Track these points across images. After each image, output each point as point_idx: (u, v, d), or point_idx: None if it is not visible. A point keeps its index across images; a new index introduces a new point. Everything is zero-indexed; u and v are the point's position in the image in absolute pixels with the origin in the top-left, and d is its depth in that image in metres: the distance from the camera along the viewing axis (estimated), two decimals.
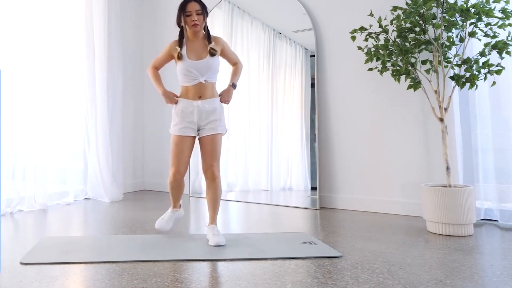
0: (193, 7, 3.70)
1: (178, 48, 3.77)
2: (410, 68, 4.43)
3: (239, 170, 6.41)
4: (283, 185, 6.07)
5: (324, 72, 5.57)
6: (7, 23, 5.17)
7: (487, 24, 4.14)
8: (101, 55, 6.26)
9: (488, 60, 4.08)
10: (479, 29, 4.16)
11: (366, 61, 4.72)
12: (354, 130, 5.34)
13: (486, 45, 4.12)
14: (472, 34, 4.16)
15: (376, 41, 4.71)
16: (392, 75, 4.58)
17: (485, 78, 4.19)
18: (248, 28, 6.38)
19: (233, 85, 3.99)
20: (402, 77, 4.92)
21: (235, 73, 4.04)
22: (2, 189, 5.02)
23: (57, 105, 5.86)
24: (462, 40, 4.29)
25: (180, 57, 3.75)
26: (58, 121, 5.87)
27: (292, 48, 6.06)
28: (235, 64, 4.07)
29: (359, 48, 4.85)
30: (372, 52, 4.67)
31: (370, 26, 4.76)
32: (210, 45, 3.79)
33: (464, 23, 4.22)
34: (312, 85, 5.66)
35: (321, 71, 5.59)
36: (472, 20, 4.16)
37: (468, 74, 4.21)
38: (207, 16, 3.82)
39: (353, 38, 4.71)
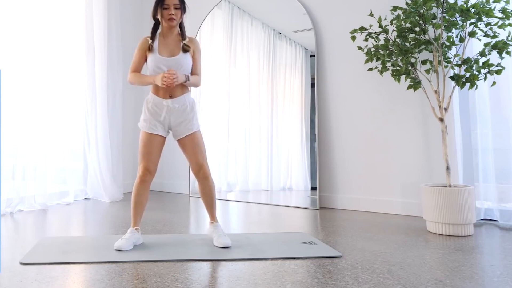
0: (171, 0, 3.57)
1: (150, 41, 3.63)
2: (410, 68, 4.43)
3: (239, 170, 6.40)
4: (283, 185, 6.07)
5: (324, 72, 5.57)
6: (7, 23, 5.16)
7: (487, 24, 4.14)
8: (101, 55, 6.26)
9: (488, 60, 4.08)
10: (479, 29, 4.16)
11: (366, 61, 4.72)
12: (354, 130, 5.34)
13: (486, 45, 4.12)
14: (472, 34, 4.16)
15: (376, 41, 4.71)
16: (392, 75, 4.58)
17: (485, 78, 4.19)
18: (248, 28, 6.39)
19: (187, 77, 3.59)
20: (402, 77, 4.93)
21: (194, 77, 3.69)
22: (2, 189, 5.02)
23: (57, 105, 5.86)
24: (462, 40, 4.29)
25: (150, 49, 3.61)
26: (58, 121, 5.87)
27: (292, 48, 6.06)
28: (196, 74, 3.74)
29: (359, 48, 4.85)
30: (372, 52, 4.67)
31: (370, 26, 4.75)
32: (184, 41, 3.69)
33: (464, 23, 4.22)
34: (312, 85, 5.65)
35: (321, 71, 5.59)
36: (472, 20, 4.16)
37: (468, 74, 4.21)
38: (185, 12, 3.69)
39: (353, 38, 4.71)
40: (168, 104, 3.58)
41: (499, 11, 4.09)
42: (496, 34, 4.13)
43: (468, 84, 4.28)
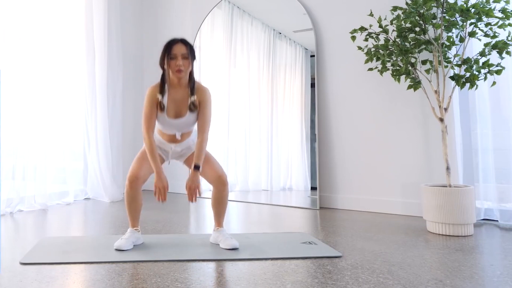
0: (179, 50, 3.33)
1: (160, 96, 3.38)
2: (410, 68, 4.43)
3: (239, 170, 6.40)
4: (283, 185, 6.08)
5: (324, 72, 5.57)
6: (7, 23, 5.17)
7: (487, 24, 4.14)
8: (101, 55, 6.28)
9: (488, 60, 4.08)
10: (479, 29, 4.16)
11: (366, 61, 4.72)
12: (354, 130, 5.34)
13: (486, 45, 4.12)
14: (472, 34, 4.16)
15: (376, 41, 4.71)
16: (392, 75, 4.58)
17: (485, 78, 4.19)
18: (248, 28, 6.40)
19: (197, 167, 3.37)
20: (402, 77, 4.94)
21: (200, 151, 3.40)
22: (2, 189, 5.02)
23: (57, 105, 5.87)
24: (462, 40, 4.29)
25: (162, 108, 3.37)
26: (58, 121, 5.88)
27: (292, 48, 6.06)
28: (202, 133, 3.44)
29: (359, 48, 4.84)
30: (372, 52, 4.67)
31: (370, 26, 4.74)
32: (191, 99, 3.42)
33: (464, 23, 4.22)
34: (312, 85, 5.66)
35: (321, 71, 5.59)
36: (472, 20, 4.17)
37: (468, 74, 4.22)
38: (194, 60, 3.46)
39: (353, 38, 4.70)
40: (172, 147, 3.57)
41: (499, 11, 4.08)
42: (496, 34, 4.13)
43: (468, 84, 4.29)
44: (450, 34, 4.36)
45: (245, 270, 2.86)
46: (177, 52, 3.32)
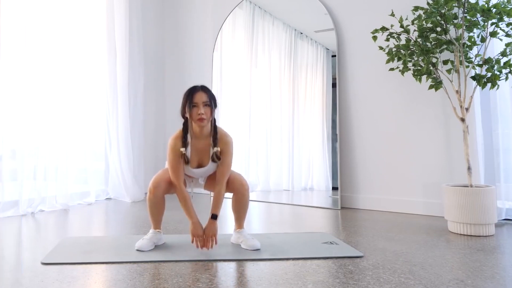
0: (200, 98, 3.24)
1: (183, 150, 3.31)
2: (431, 68, 4.43)
3: (260, 170, 6.44)
4: (304, 185, 6.11)
5: (345, 72, 5.58)
6: (29, 23, 5.24)
7: (508, 24, 4.12)
8: (123, 54, 6.35)
9: (510, 60, 4.05)
10: (500, 29, 4.15)
11: (388, 61, 4.72)
12: (375, 130, 5.35)
13: (507, 45, 4.10)
14: (493, 34, 4.15)
15: (397, 41, 4.71)
16: (413, 75, 4.58)
17: (506, 78, 4.17)
18: (270, 28, 6.43)
19: (215, 217, 3.35)
20: (424, 77, 4.92)
21: (217, 201, 3.39)
22: (23, 189, 5.10)
23: (79, 105, 5.94)
24: (483, 40, 4.27)
25: (186, 162, 3.33)
26: (80, 121, 5.95)
27: (313, 48, 6.09)
28: (221, 184, 3.40)
29: (381, 48, 4.83)
30: (394, 52, 4.67)
31: (392, 26, 4.75)
32: (214, 151, 3.35)
33: (485, 23, 4.21)
34: (334, 85, 5.66)
35: (343, 71, 5.60)
36: (493, 20, 4.15)
37: (489, 74, 4.20)
38: (215, 107, 3.37)
39: (375, 38, 4.71)
40: (195, 172, 3.45)
41: None
42: None
43: (489, 84, 4.26)
44: (471, 34, 4.35)
45: (266, 270, 2.89)
46: (198, 100, 3.24)
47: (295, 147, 6.13)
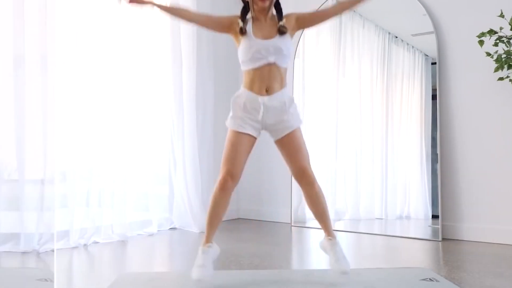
0: None
1: (241, 23, 3.31)
2: None
3: (348, 195, 6.26)
4: (399, 212, 5.97)
5: (447, 82, 5.37)
6: (91, 34, 5.18)
7: None
8: (190, 63, 6.11)
9: None
10: None
11: (496, 69, 4.57)
12: (482, 149, 5.12)
13: None
14: None
15: (507, 46, 4.54)
16: None
17: None
18: (359, 31, 6.27)
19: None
20: None
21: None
22: (75, 218, 4.96)
23: (138, 121, 5.73)
24: None
25: (243, 32, 3.31)
26: (140, 140, 5.75)
27: (410, 54, 5.97)
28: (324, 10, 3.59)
29: (488, 54, 4.64)
30: (503, 59, 4.52)
31: (501, 28, 4.55)
32: (281, 23, 3.28)
33: None
34: (433, 97, 5.52)
35: (444, 81, 5.39)
36: None
37: None
38: None
39: (481, 42, 4.58)
40: (265, 102, 3.29)
41: None
42: None
43: None
44: None
45: None
46: None
47: (389, 169, 5.98)
